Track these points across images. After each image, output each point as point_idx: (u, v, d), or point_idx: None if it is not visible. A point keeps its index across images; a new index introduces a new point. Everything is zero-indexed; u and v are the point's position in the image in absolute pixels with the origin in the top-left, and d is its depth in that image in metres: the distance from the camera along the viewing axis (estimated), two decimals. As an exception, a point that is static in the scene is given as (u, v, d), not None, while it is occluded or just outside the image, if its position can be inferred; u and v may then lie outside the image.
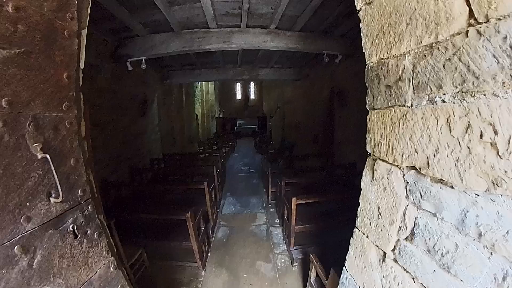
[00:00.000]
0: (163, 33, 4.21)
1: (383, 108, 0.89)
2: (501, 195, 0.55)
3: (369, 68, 0.96)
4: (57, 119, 0.78)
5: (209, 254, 3.28)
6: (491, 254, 0.59)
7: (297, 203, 2.85)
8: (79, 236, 0.83)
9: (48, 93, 0.75)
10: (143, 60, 4.29)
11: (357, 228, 1.13)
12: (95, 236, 0.90)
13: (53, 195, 0.73)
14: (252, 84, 20.85)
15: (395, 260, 0.90)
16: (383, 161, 0.91)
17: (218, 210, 4.50)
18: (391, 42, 0.84)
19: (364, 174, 1.04)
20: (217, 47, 4.20)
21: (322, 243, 2.95)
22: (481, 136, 0.57)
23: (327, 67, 5.14)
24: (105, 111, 4.15)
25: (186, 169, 5.39)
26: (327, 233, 3.00)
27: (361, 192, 1.06)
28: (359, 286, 1.16)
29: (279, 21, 3.90)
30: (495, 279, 0.59)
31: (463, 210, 0.63)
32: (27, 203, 0.67)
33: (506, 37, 0.51)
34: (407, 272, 0.85)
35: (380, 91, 0.90)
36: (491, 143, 0.56)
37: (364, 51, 0.99)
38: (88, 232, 0.87)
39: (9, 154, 0.64)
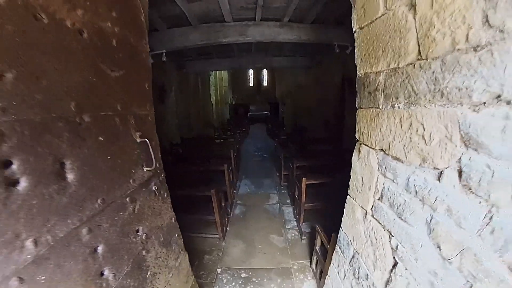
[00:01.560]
0: (182, 27, 4.52)
1: (366, 108, 1.24)
2: (426, 167, 0.91)
3: (359, 78, 1.30)
4: (145, 115, 1.18)
5: (228, 228, 3.77)
6: (423, 204, 0.96)
7: (306, 183, 3.24)
8: (157, 194, 1.26)
9: (139, 98, 1.14)
10: (164, 53, 4.64)
11: (349, 195, 1.51)
12: (165, 195, 1.33)
13: (145, 166, 1.15)
14: (265, 71, 20.89)
15: (372, 216, 1.28)
16: (365, 145, 1.27)
17: (235, 191, 4.98)
18: (372, 62, 1.17)
19: (354, 154, 1.41)
20: (234, 40, 4.49)
21: (328, 219, 3.35)
22: (417, 131, 0.93)
23: (339, 55, 5.33)
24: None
25: (203, 153, 5.86)
26: (333, 210, 3.40)
27: (352, 168, 1.43)
28: (350, 240, 1.56)
29: (292, 13, 4.13)
30: (426, 221, 0.96)
31: (407, 177, 1.00)
32: (132, 170, 1.09)
33: (433, 72, 0.85)
34: (379, 223, 1.23)
35: (364, 95, 1.25)
36: (422, 135, 0.91)
37: (356, 64, 1.33)
38: (162, 192, 1.30)
39: (123, 139, 1.04)
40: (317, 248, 2.76)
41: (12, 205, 0.55)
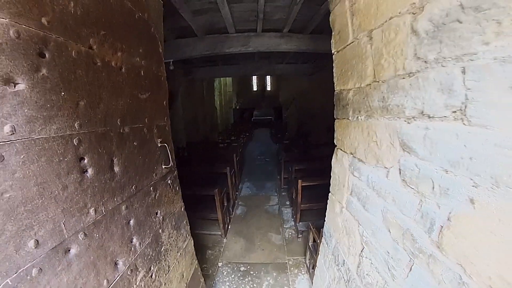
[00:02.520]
0: (188, 38, 4.86)
1: (341, 118, 1.52)
2: (379, 167, 1.18)
3: (336, 93, 1.58)
4: (164, 125, 1.49)
5: (229, 226, 4.04)
6: (378, 196, 1.22)
7: (302, 184, 3.50)
8: (172, 187, 1.55)
9: (159, 113, 1.45)
10: (171, 62, 4.99)
11: (330, 192, 1.78)
12: (177, 188, 1.63)
13: (163, 164, 1.44)
14: (268, 76, 21.27)
15: (346, 209, 1.55)
16: (340, 149, 1.54)
17: (237, 192, 5.25)
18: (344, 81, 1.45)
19: (333, 157, 1.68)
20: (236, 50, 4.82)
21: (322, 218, 3.60)
22: (373, 138, 1.20)
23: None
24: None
25: (207, 156, 6.16)
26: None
27: (332, 169, 1.71)
28: (331, 232, 1.82)
29: (292, 24, 4.43)
30: (381, 210, 1.22)
31: (368, 175, 1.26)
32: (155, 167, 1.38)
33: (382, 92, 1.12)
34: (351, 214, 1.49)
35: (339, 108, 1.52)
36: (375, 142, 1.18)
37: (334, 81, 1.61)
38: (175, 185, 1.60)
39: (149, 144, 1.34)
40: (309, 244, 3.01)
41: (83, 185, 0.83)
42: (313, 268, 2.80)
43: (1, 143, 0.60)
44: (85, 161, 0.84)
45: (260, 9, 3.81)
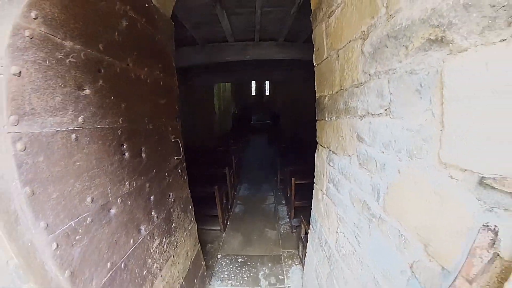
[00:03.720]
0: (189, 47, 5.23)
1: (320, 120, 1.85)
2: (345, 156, 1.51)
3: (316, 99, 1.92)
4: (176, 125, 1.83)
5: (228, 223, 4.34)
6: (346, 179, 1.54)
7: (296, 182, 3.82)
8: (181, 175, 1.88)
9: (173, 115, 1.79)
10: (174, 69, 5.33)
11: (314, 183, 2.10)
12: (185, 177, 1.97)
13: (175, 156, 1.77)
14: (267, 81, 21.71)
15: (326, 194, 1.87)
16: (320, 145, 1.87)
17: (235, 193, 5.56)
18: (322, 89, 1.79)
19: (316, 153, 2.01)
20: (235, 58, 5.20)
21: (315, 214, 3.93)
22: (340, 134, 1.53)
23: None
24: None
25: (207, 159, 6.46)
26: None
27: (315, 163, 2.03)
28: (316, 217, 2.14)
29: (286, 34, 4.82)
30: (348, 190, 1.54)
31: (339, 163, 1.59)
32: (169, 157, 1.71)
33: (345, 97, 1.46)
34: (329, 198, 1.81)
35: (319, 111, 1.86)
36: (342, 136, 1.52)
37: (315, 89, 1.95)
38: (183, 174, 1.93)
39: (165, 138, 1.68)
40: (302, 236, 3.31)
41: (123, 164, 1.16)
42: (305, 258, 3.10)
43: (77, 128, 0.93)
44: (124, 146, 1.16)
45: (257, 21, 4.19)
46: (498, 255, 0.61)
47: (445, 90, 0.71)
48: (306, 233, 3.21)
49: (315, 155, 2.03)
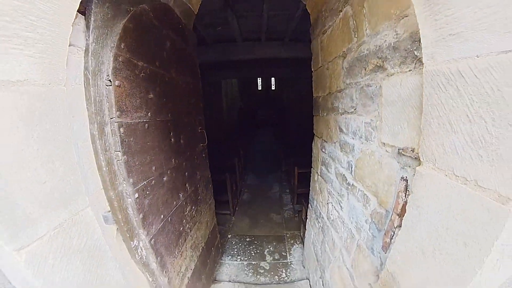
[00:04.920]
0: (199, 46, 5.64)
1: (316, 115, 2.32)
2: (332, 143, 1.98)
3: (314, 98, 2.38)
4: (201, 119, 2.34)
5: (237, 208, 4.86)
6: (333, 161, 2.01)
7: (298, 171, 4.30)
8: (204, 158, 2.40)
9: (199, 111, 2.30)
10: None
11: (312, 167, 2.58)
12: (207, 160, 2.49)
13: (201, 143, 2.27)
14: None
15: (320, 175, 2.34)
16: (316, 136, 2.35)
17: (243, 182, 6.07)
18: (318, 91, 2.26)
19: (313, 143, 2.48)
20: (242, 57, 5.63)
21: (316, 201, 4.41)
22: (329, 126, 2.00)
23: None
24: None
25: (217, 151, 6.98)
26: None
27: (312, 151, 2.50)
28: (313, 195, 2.62)
29: (292, 34, 5.23)
30: (334, 168, 2.02)
31: (328, 149, 2.06)
32: (197, 144, 2.23)
33: (332, 99, 1.92)
34: (322, 178, 2.29)
35: (315, 108, 2.33)
36: (330, 128, 1.98)
37: (313, 90, 2.41)
38: (206, 158, 2.45)
39: (195, 129, 2.18)
40: (303, 218, 3.80)
41: (171, 146, 1.67)
42: (305, 234, 3.60)
43: (148, 120, 1.43)
44: (171, 134, 1.66)
45: (263, 22, 4.63)
46: (408, 194, 1.09)
47: (383, 98, 1.18)
48: (307, 217, 3.70)
49: (312, 144, 2.50)
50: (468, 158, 0.68)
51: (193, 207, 2.09)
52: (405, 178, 1.08)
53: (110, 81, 1.12)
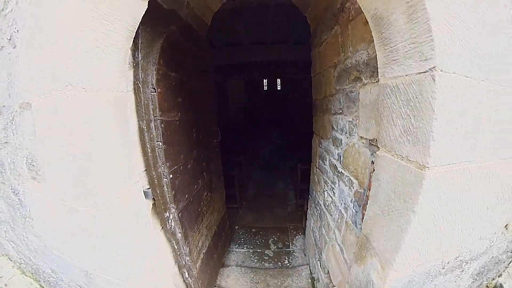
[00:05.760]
0: (210, 49, 6.08)
1: (315, 115, 2.70)
2: (327, 139, 2.35)
3: (313, 100, 2.76)
4: (216, 118, 2.74)
5: (244, 202, 5.25)
6: (327, 154, 2.39)
7: (301, 168, 4.67)
8: (217, 153, 2.81)
9: (213, 111, 2.70)
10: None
11: (311, 161, 2.96)
12: (219, 154, 2.90)
13: (215, 139, 2.67)
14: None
15: (318, 167, 2.72)
16: (315, 133, 2.73)
17: (249, 178, 6.46)
18: (316, 94, 2.64)
19: (312, 139, 2.86)
20: (248, 60, 6.03)
21: (317, 195, 4.77)
22: (324, 125, 2.38)
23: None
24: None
25: (225, 149, 7.40)
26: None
27: (312, 146, 2.88)
28: (312, 186, 2.99)
29: (296, 37, 5.60)
30: (328, 160, 2.39)
31: (324, 144, 2.44)
32: (212, 139, 2.63)
33: (326, 101, 2.30)
34: (319, 169, 2.67)
35: (314, 109, 2.71)
36: (325, 126, 2.36)
37: (312, 93, 2.79)
38: (218, 152, 2.86)
39: (210, 127, 2.58)
40: (305, 211, 4.17)
41: (192, 140, 2.07)
42: (306, 224, 3.96)
43: (178, 119, 1.83)
44: (193, 130, 2.07)
45: (268, 27, 5.02)
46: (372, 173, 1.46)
47: (360, 102, 1.56)
48: (308, 207, 4.07)
49: (312, 141, 2.88)
50: (402, 142, 1.05)
51: (208, 194, 2.49)
52: (373, 161, 1.46)
53: (154, 89, 1.51)
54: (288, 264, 3.67)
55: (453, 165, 0.97)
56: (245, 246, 4.11)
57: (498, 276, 1.85)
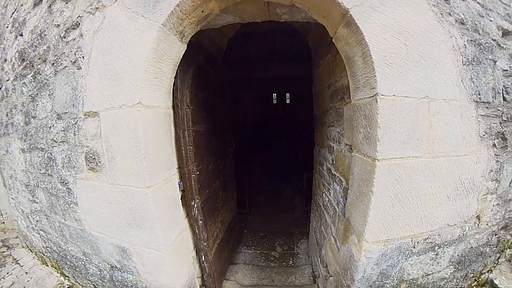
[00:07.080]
0: (223, 66, 6.74)
1: (316, 128, 3.22)
2: (324, 147, 2.85)
3: (314, 114, 3.29)
4: (231, 130, 3.27)
5: (252, 209, 5.71)
6: (325, 160, 2.88)
7: (307, 176, 5.13)
8: (231, 159, 3.33)
9: (229, 122, 3.27)
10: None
11: (313, 169, 3.45)
12: (233, 162, 3.42)
13: (229, 147, 3.21)
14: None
15: (318, 173, 3.20)
16: (316, 144, 3.25)
17: (258, 186, 6.95)
18: (317, 109, 3.17)
19: (314, 149, 3.36)
20: (259, 76, 6.65)
21: (322, 203, 5.19)
22: (322, 135, 2.88)
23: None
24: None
25: (236, 158, 7.94)
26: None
27: (314, 155, 3.38)
28: (313, 192, 3.46)
29: (302, 55, 6.18)
30: (325, 167, 2.88)
31: (322, 152, 2.94)
32: (227, 147, 3.18)
33: (323, 115, 2.82)
34: (319, 174, 3.15)
35: (315, 122, 3.23)
36: (323, 137, 2.87)
37: (313, 108, 3.32)
38: (232, 159, 3.38)
39: (226, 137, 3.11)
40: (309, 214, 4.59)
41: (213, 147, 2.61)
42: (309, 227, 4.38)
43: (202, 130, 2.38)
44: (213, 139, 2.62)
45: (277, 46, 5.65)
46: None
47: (344, 117, 2.07)
48: (311, 210, 4.49)
49: (313, 151, 3.38)
50: (364, 144, 1.56)
51: (223, 193, 3.01)
52: (355, 162, 1.95)
53: (188, 107, 2.08)
54: (292, 264, 4.08)
55: (400, 159, 1.46)
56: (253, 247, 4.55)
57: (489, 272, 2.07)
